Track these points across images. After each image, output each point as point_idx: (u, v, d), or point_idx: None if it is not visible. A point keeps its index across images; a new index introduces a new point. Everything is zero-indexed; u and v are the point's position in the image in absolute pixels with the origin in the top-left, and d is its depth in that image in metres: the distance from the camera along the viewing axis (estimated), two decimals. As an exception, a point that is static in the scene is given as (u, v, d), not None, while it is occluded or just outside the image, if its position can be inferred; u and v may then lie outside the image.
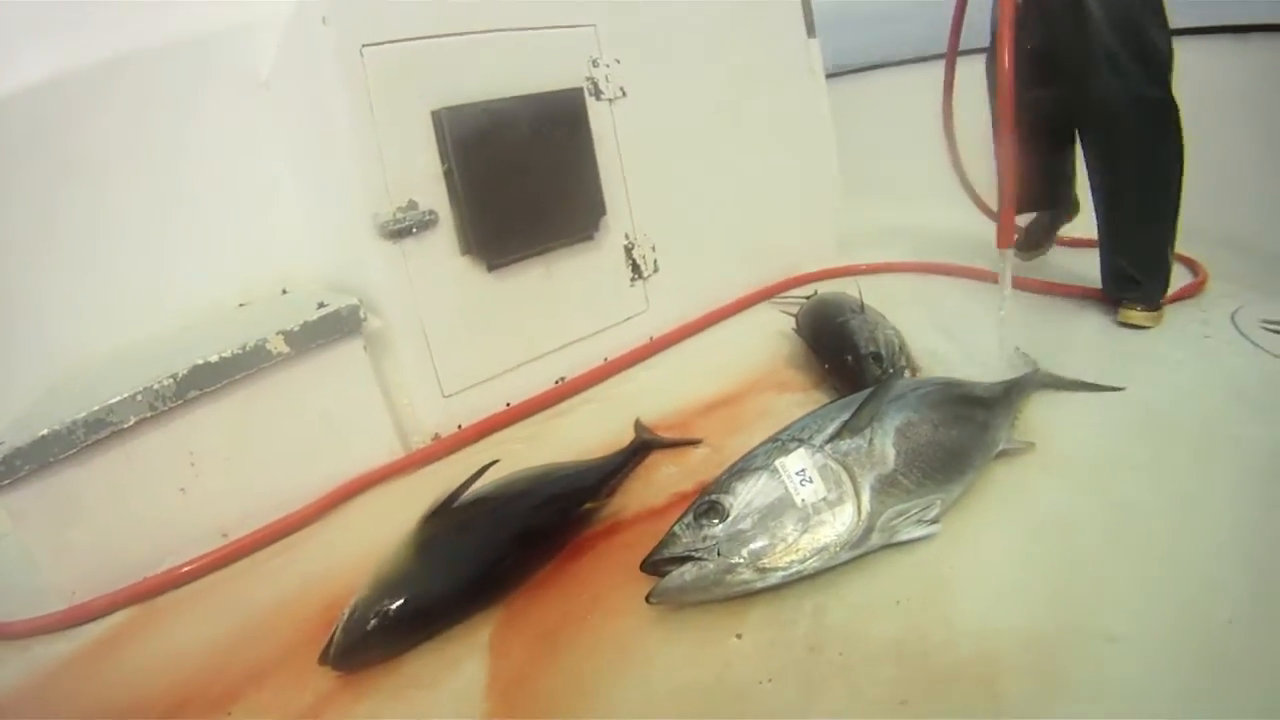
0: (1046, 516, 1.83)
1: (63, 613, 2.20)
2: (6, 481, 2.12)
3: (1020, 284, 2.97)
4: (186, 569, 2.28)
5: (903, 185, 3.42)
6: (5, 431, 2.22)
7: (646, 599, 1.70)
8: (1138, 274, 2.71)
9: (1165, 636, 1.45)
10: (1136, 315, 2.69)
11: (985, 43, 3.03)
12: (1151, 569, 1.62)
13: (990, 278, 3.08)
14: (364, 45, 2.45)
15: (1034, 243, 3.37)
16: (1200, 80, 2.71)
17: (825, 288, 3.36)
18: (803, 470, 1.77)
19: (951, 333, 2.85)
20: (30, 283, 2.82)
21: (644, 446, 2.43)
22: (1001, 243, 2.46)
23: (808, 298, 3.14)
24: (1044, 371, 2.35)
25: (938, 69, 3.23)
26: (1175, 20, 2.52)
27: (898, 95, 3.27)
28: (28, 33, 2.82)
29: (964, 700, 1.39)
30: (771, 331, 3.20)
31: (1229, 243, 3.11)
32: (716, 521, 1.73)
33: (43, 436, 2.12)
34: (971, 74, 3.08)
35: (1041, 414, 2.21)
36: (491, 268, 2.76)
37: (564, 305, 2.99)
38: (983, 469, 1.95)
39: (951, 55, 3.12)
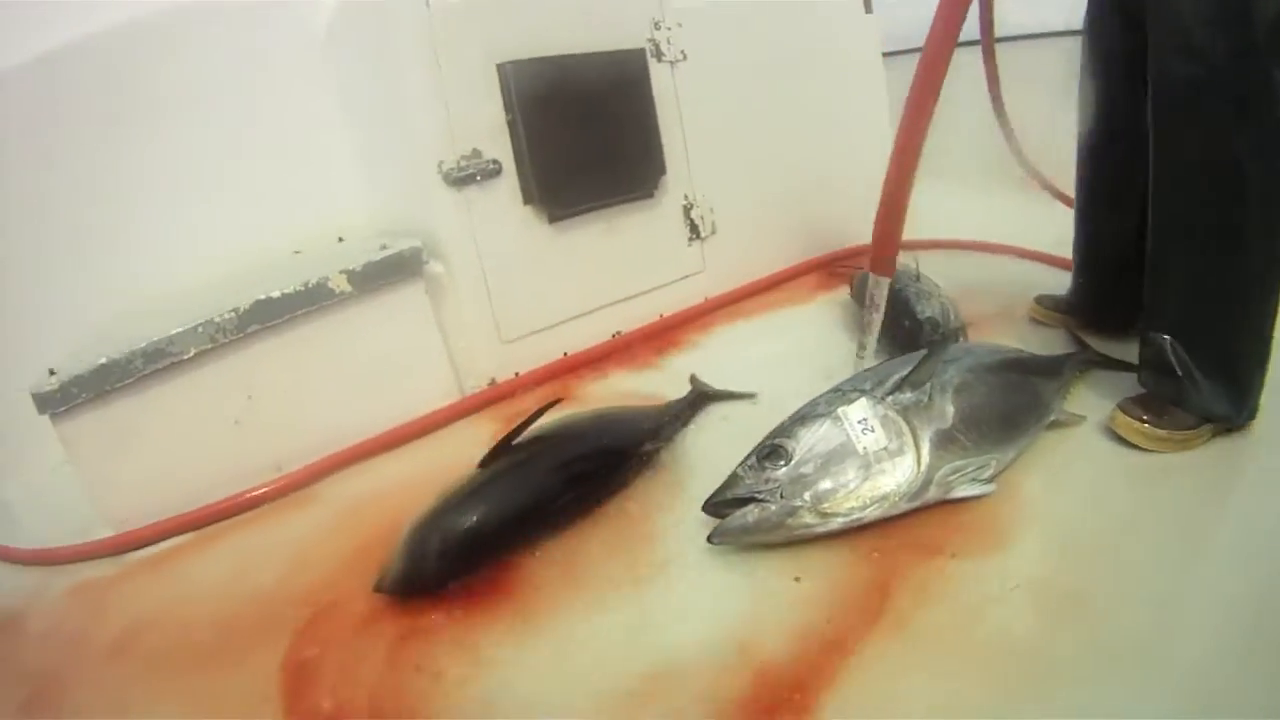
0: (1097, 484, 1.83)
1: (113, 539, 2.22)
2: (63, 409, 2.14)
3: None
4: (238, 500, 2.29)
5: (957, 165, 3.40)
6: (63, 362, 2.23)
7: (708, 539, 1.72)
8: (1198, 375, 1.88)
9: (1215, 604, 1.46)
10: (1137, 430, 1.92)
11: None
12: (1195, 546, 1.63)
13: (1044, 259, 3.09)
14: (431, -5, 2.48)
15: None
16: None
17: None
18: (864, 419, 1.78)
19: (996, 309, 2.84)
20: (91, 222, 2.85)
21: (701, 397, 2.44)
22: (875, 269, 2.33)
23: (860, 267, 3.11)
24: (1094, 350, 2.33)
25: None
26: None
27: (959, 76, 3.24)
28: None
29: (1012, 661, 1.40)
30: (825, 298, 3.24)
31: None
32: (780, 464, 1.74)
33: (101, 365, 2.14)
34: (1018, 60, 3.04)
35: (1090, 391, 2.20)
36: (553, 219, 2.78)
37: (622, 260, 3.01)
38: (1036, 436, 1.96)
39: (987, 40, 3.07)
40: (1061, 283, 2.71)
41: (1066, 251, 2.66)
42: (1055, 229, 2.90)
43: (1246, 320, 1.86)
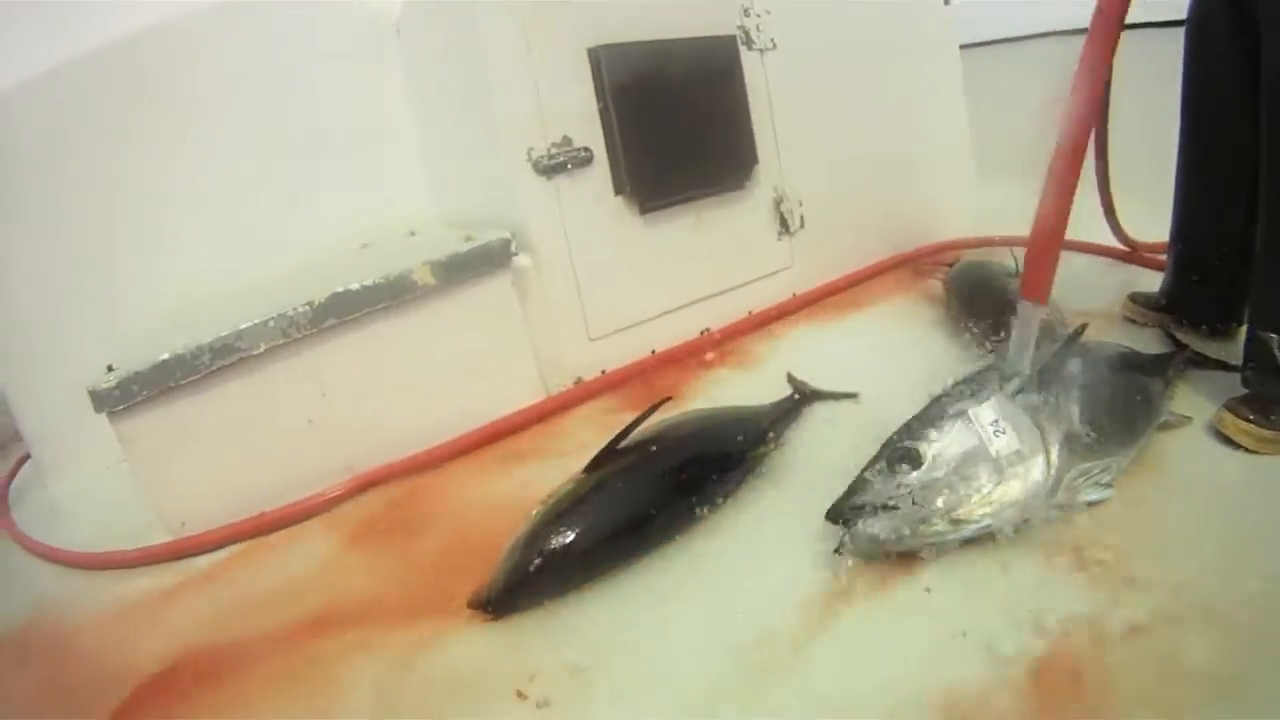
0: (1211, 487, 1.75)
1: (170, 544, 2.15)
2: (121, 407, 2.07)
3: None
4: (308, 504, 2.20)
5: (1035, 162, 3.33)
6: (122, 359, 2.15)
7: (836, 550, 1.61)
8: None
9: None
10: (1244, 430, 1.84)
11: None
12: None
13: (1121, 255, 3.03)
14: (519, -21, 2.39)
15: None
16: None
17: (967, 257, 3.26)
18: (996, 421, 1.69)
19: (1086, 306, 2.68)
20: (156, 217, 2.81)
21: (804, 398, 2.34)
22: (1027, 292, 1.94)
23: (949, 264, 3.07)
24: (1193, 349, 2.23)
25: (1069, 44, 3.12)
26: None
27: (1041, 69, 3.17)
28: None
29: (1147, 667, 1.32)
30: (914, 294, 3.14)
31: None
32: (910, 469, 1.64)
33: (164, 361, 2.07)
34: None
35: (1191, 390, 2.10)
36: (645, 210, 2.69)
37: (712, 254, 2.91)
38: (1150, 437, 1.87)
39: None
40: (1146, 282, 2.64)
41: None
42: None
43: None
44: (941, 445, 1.67)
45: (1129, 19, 1.79)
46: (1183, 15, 2.21)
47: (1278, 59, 1.75)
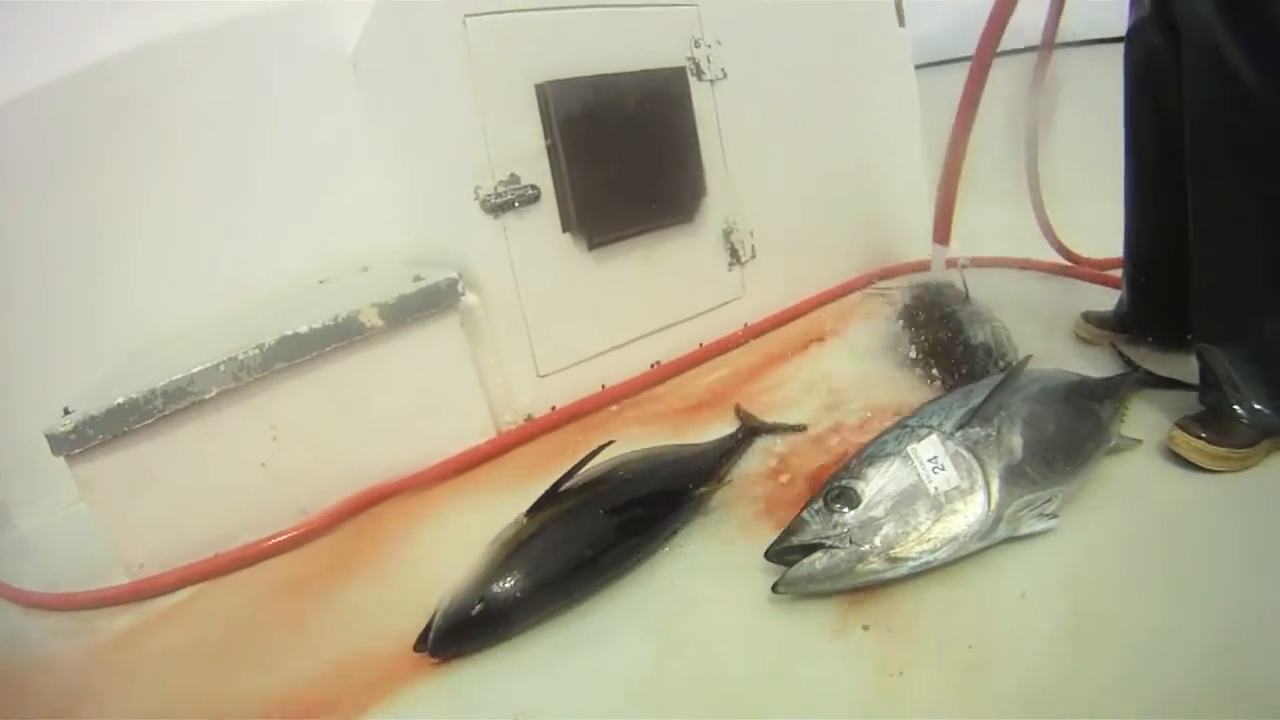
0: (1159, 513, 1.75)
1: (128, 586, 2.16)
2: (78, 451, 2.08)
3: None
4: (263, 545, 2.21)
5: (994, 181, 3.35)
6: (78, 400, 2.17)
7: (773, 588, 1.63)
8: (1242, 385, 1.85)
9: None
10: (1196, 448, 1.83)
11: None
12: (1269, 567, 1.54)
13: (1086, 277, 3.03)
14: (467, 15, 2.40)
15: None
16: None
17: (923, 278, 3.20)
18: (935, 457, 1.69)
19: (1039, 328, 2.70)
20: (111, 253, 2.81)
21: (750, 432, 2.34)
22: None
23: (904, 289, 3.07)
24: (1145, 369, 2.24)
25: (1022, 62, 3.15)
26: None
27: (994, 88, 3.20)
28: (114, 3, 2.84)
29: (1099, 696, 1.32)
30: (868, 321, 3.11)
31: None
32: (848, 508, 1.65)
33: (119, 405, 2.08)
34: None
35: (1143, 412, 2.10)
36: (592, 246, 2.70)
37: (661, 288, 2.92)
38: (1097, 464, 1.87)
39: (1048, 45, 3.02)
40: (1104, 300, 2.63)
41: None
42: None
43: None
44: (879, 484, 1.67)
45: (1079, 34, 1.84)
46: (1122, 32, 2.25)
47: (1197, 86, 1.78)
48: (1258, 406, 1.82)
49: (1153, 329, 2.38)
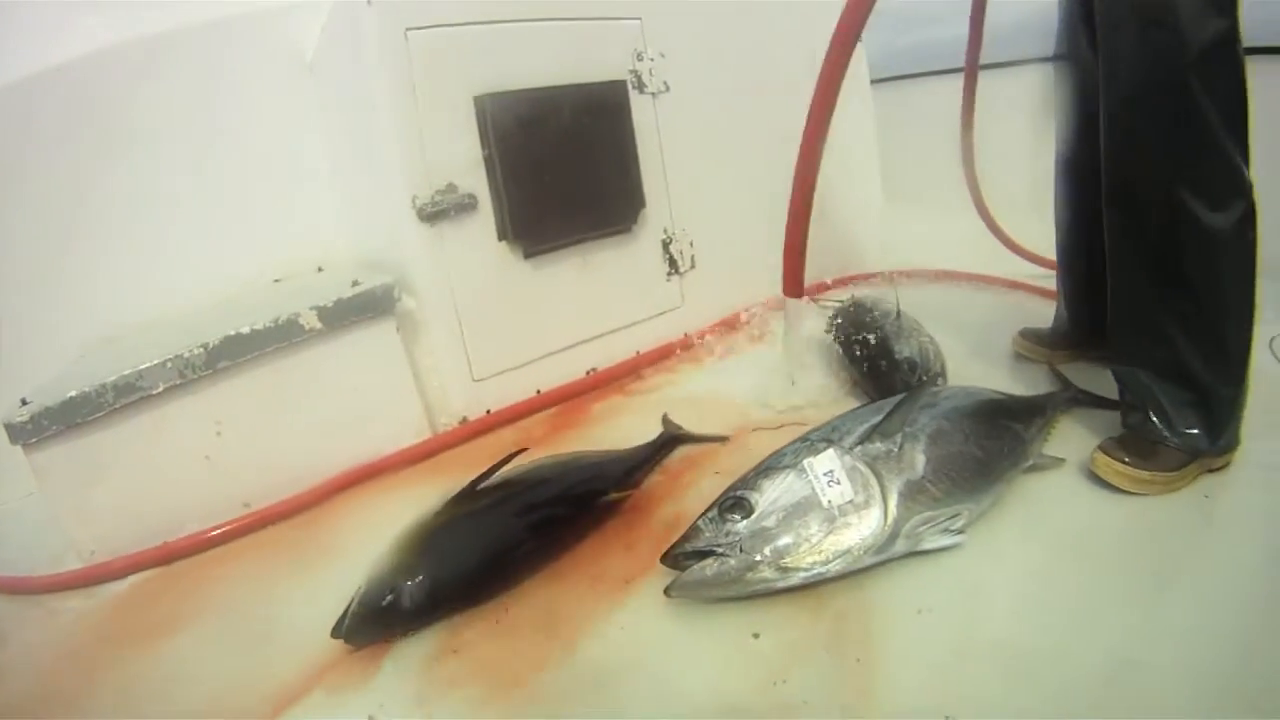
0: (1073, 533, 1.79)
1: (81, 570, 2.22)
2: (34, 440, 2.14)
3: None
4: (207, 535, 2.29)
5: (944, 193, 3.40)
6: (35, 393, 2.23)
7: (665, 592, 1.70)
8: (1166, 406, 1.88)
9: (1186, 660, 1.43)
10: (1119, 472, 1.87)
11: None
12: (1172, 591, 1.60)
13: (1027, 288, 3.10)
14: (408, 28, 2.46)
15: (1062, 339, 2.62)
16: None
17: (863, 291, 3.27)
18: (830, 471, 1.75)
19: (979, 343, 2.81)
20: (68, 252, 2.85)
21: (671, 440, 2.41)
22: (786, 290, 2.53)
23: (842, 302, 3.06)
24: (1077, 388, 2.30)
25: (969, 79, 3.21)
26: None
27: (941, 103, 3.25)
28: (76, 5, 2.87)
29: (980, 713, 1.38)
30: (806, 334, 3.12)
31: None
32: (740, 517, 1.71)
33: (71, 398, 2.14)
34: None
35: (1073, 430, 2.16)
36: (528, 254, 2.76)
37: (599, 296, 2.98)
38: (1012, 482, 1.93)
39: (972, 67, 3.08)
40: (1045, 314, 2.69)
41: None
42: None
43: (1208, 342, 1.83)
44: (773, 495, 1.73)
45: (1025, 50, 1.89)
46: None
47: (1113, 105, 1.82)
48: (1189, 433, 1.85)
49: (1089, 343, 2.43)
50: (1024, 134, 2.88)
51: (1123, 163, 1.85)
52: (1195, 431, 1.85)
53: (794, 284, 2.48)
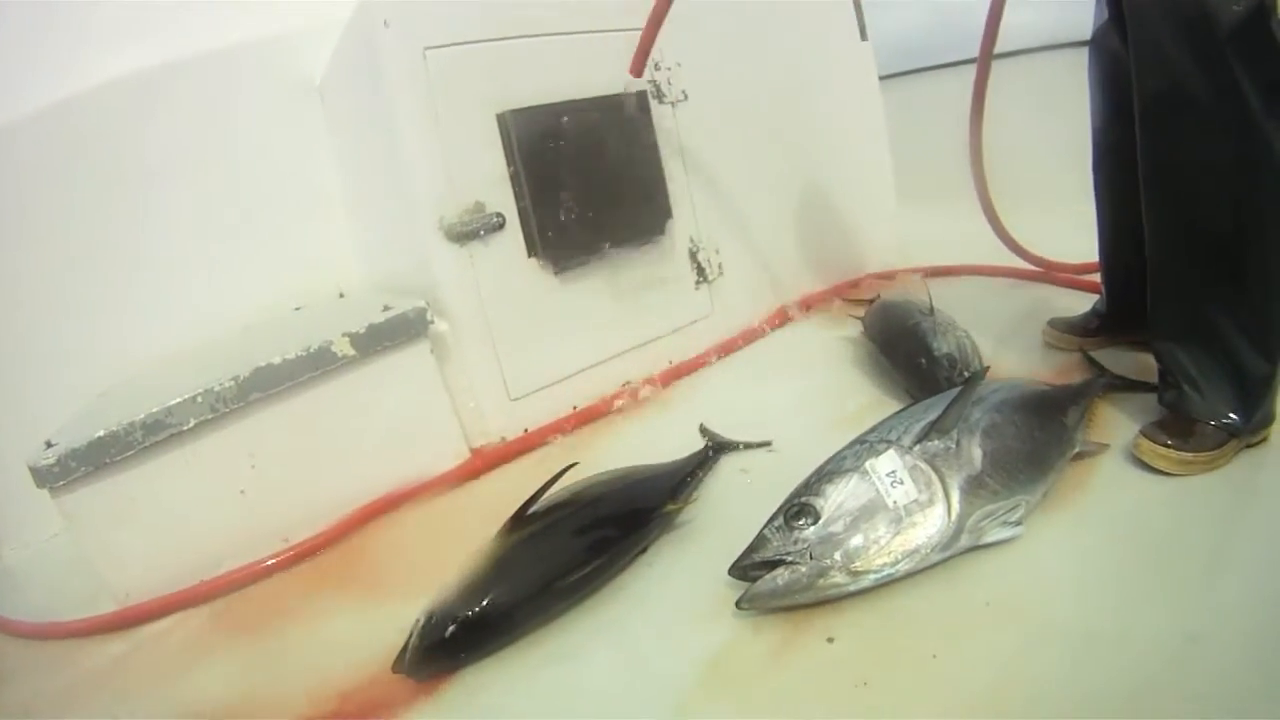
0: (1124, 516, 1.78)
1: (116, 614, 2.18)
2: (61, 484, 2.09)
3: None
4: (244, 572, 2.24)
5: (958, 189, 3.39)
6: (59, 433, 2.19)
7: (737, 604, 1.66)
8: (1201, 382, 1.88)
9: (1247, 632, 1.42)
10: (1162, 455, 1.85)
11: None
12: (1226, 567, 1.59)
13: (1057, 281, 3.09)
14: (426, 48, 2.45)
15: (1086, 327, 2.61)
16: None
17: (889, 289, 3.26)
18: (893, 471, 1.73)
19: (1008, 336, 2.80)
20: (85, 285, 2.83)
21: (715, 450, 2.38)
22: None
23: (870, 300, 3.08)
24: (1112, 373, 2.28)
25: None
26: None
27: (952, 97, 3.24)
28: (88, 36, 2.88)
29: (1059, 703, 1.35)
30: (837, 334, 3.15)
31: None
32: (808, 524, 1.68)
33: (99, 438, 2.10)
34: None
35: (1111, 415, 2.15)
36: (559, 270, 2.74)
37: (630, 308, 2.96)
38: (1062, 470, 1.90)
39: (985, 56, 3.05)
40: (1073, 305, 2.69)
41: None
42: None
43: (1249, 319, 1.82)
44: (838, 499, 1.70)
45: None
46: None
47: (1147, 86, 1.79)
48: (1224, 409, 1.84)
49: (1133, 329, 2.38)
50: (1031, 124, 2.87)
51: (1159, 142, 1.83)
52: (1231, 407, 1.84)
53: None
